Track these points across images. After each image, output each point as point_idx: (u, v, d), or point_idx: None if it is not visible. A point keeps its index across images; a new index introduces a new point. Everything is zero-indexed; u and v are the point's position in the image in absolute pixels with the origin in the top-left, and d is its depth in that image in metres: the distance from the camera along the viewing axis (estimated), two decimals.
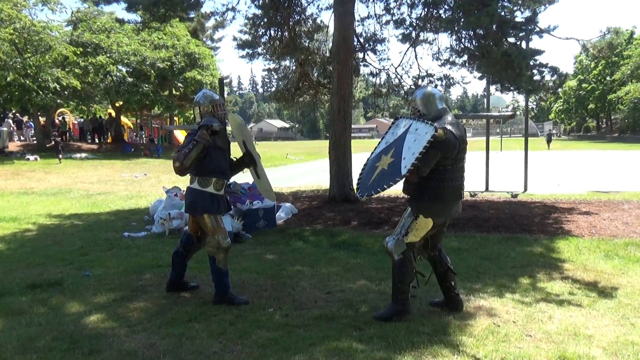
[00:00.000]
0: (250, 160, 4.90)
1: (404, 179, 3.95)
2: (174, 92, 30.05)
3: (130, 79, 26.29)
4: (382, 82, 12.87)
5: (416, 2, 10.15)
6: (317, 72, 12.61)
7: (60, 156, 21.20)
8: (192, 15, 35.65)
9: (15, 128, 30.09)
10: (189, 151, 4.32)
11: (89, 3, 25.79)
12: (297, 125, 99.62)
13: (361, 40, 11.62)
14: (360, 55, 11.71)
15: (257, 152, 4.99)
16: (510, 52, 8.31)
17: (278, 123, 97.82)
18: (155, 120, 38.79)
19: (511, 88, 9.62)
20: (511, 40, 9.22)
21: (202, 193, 4.52)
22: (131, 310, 4.35)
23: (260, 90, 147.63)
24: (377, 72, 12.25)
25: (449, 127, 3.92)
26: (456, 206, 4.17)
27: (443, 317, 4.09)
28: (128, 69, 26.94)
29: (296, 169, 21.95)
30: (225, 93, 30.76)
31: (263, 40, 11.47)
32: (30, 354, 3.46)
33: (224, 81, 10.03)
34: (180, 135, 38.76)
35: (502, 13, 8.46)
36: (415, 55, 11.74)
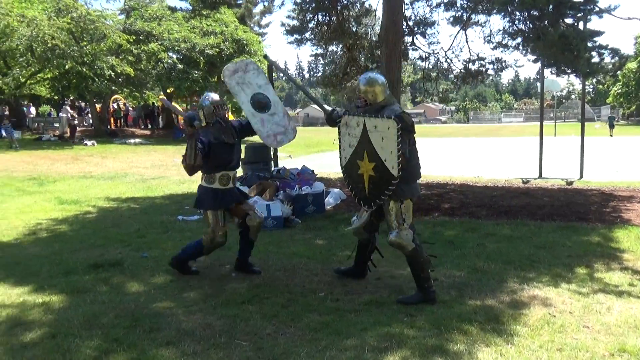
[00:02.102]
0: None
1: None
2: (222, 78, 30.49)
3: (180, 66, 26.81)
4: (431, 66, 12.63)
5: None
6: (365, 56, 12.48)
7: (73, 141, 21.60)
8: (240, 2, 35.95)
9: (75, 115, 31.28)
10: (187, 151, 4.47)
11: None
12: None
13: (410, 23, 11.42)
14: (409, 39, 11.51)
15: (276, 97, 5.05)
16: (568, 34, 7.98)
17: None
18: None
19: (568, 71, 9.26)
20: (569, 21, 8.84)
21: (207, 190, 4.75)
22: (187, 291, 4.50)
23: (307, 75, 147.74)
24: (427, 56, 12.02)
25: (399, 107, 4.16)
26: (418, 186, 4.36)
27: (496, 306, 4.04)
28: (178, 56, 27.47)
29: None
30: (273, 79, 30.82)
31: (311, 25, 11.44)
32: (95, 329, 3.65)
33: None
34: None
35: None
36: (466, 39, 11.45)
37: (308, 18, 10.99)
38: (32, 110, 34.46)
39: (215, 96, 4.87)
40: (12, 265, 5.31)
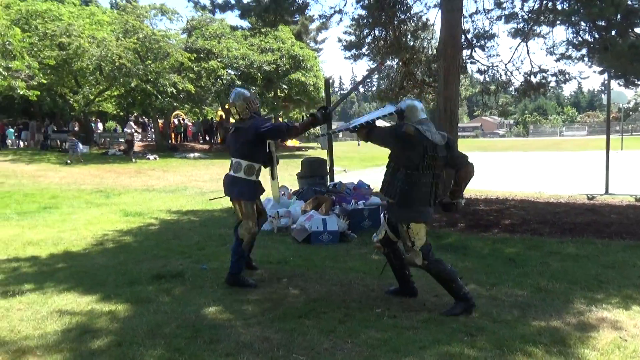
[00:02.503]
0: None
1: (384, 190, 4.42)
2: (278, 93, 31.05)
3: (238, 82, 27.51)
4: (490, 79, 12.40)
5: None
6: (421, 70, 12.42)
7: (134, 159, 21.89)
8: (296, 19, 36.59)
9: (139, 130, 32.63)
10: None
11: (200, 9, 27.36)
12: None
13: (469, 36, 11.27)
14: (468, 52, 11.36)
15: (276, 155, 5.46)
16: (638, 44, 7.65)
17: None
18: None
19: (638, 82, 8.86)
20: (639, 30, 8.49)
21: (248, 182, 5.06)
22: (245, 303, 4.56)
23: (362, 89, 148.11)
24: (485, 69, 11.81)
25: (418, 126, 4.22)
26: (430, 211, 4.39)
27: (562, 327, 3.87)
28: (236, 73, 28.24)
29: None
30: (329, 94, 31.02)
31: (367, 40, 11.50)
32: (158, 339, 3.76)
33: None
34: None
35: (629, 2, 7.81)
36: (527, 51, 11.24)
37: (365, 33, 11.05)
38: (100, 126, 36.24)
39: (246, 92, 5.13)
40: (81, 274, 5.56)
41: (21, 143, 28.81)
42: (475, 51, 11.43)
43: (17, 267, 5.90)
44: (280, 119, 38.61)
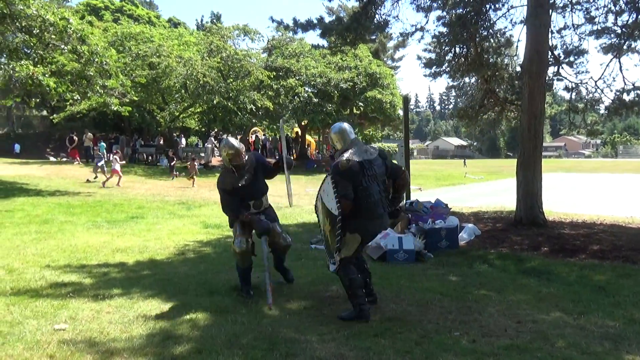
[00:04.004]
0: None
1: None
2: (354, 110, 31.23)
3: (315, 100, 27.97)
4: (577, 97, 11.82)
5: (624, 7, 9.14)
6: (503, 88, 12.06)
7: (175, 173, 21.23)
8: (374, 37, 36.70)
9: (218, 145, 33.81)
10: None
11: (282, 30, 28.18)
12: (475, 143, 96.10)
13: (556, 53, 10.83)
14: (554, 69, 10.92)
15: (289, 157, 5.69)
16: None
17: (455, 141, 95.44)
18: None
19: None
20: None
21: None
22: (320, 319, 4.57)
23: (438, 107, 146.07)
24: (573, 86, 11.29)
25: (347, 155, 4.56)
26: (378, 223, 4.69)
27: None
28: (313, 90, 28.73)
29: (476, 188, 21.14)
30: (401, 111, 30.76)
31: (447, 58, 11.34)
32: (235, 349, 3.83)
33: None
34: None
35: None
36: (620, 67, 10.57)
37: (445, 51, 10.90)
38: (183, 141, 37.95)
39: (228, 142, 5.39)
40: (165, 281, 5.80)
41: (111, 156, 30.68)
42: (562, 68, 10.97)
43: (106, 272, 6.26)
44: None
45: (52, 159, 29.16)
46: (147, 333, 4.15)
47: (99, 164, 18.51)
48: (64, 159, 27.71)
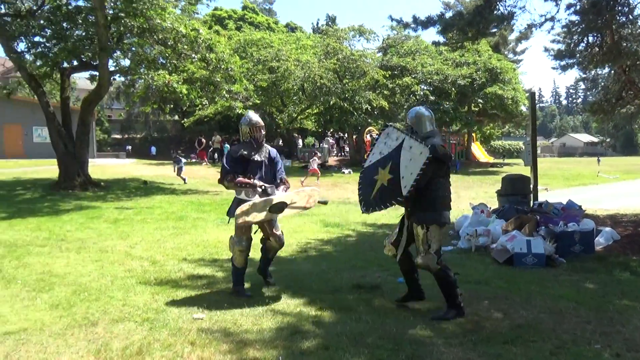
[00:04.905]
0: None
1: None
2: (472, 107, 30.14)
3: (432, 97, 27.40)
4: None
5: None
6: None
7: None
8: (494, 30, 35.26)
9: (335, 145, 34.46)
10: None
11: (397, 29, 27.97)
12: (607, 140, 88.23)
13: None
14: None
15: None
16: None
17: (584, 137, 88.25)
18: (453, 136, 39.50)
19: None
20: None
21: (234, 199, 5.40)
22: (445, 322, 4.46)
23: (564, 102, 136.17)
24: None
25: (434, 142, 4.41)
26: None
27: None
28: (430, 88, 28.17)
29: (610, 188, 19.42)
30: (524, 107, 29.06)
31: (579, 48, 10.53)
32: (361, 347, 3.87)
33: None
34: (478, 150, 38.55)
35: None
36: None
37: (576, 40, 10.13)
38: (300, 141, 39.12)
39: (253, 117, 5.38)
40: (289, 278, 6.01)
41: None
42: None
43: None
44: (474, 135, 37.37)
45: (183, 160, 31.43)
46: (276, 327, 4.33)
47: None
48: (194, 160, 29.82)
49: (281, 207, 5.26)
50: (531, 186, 9.15)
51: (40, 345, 3.90)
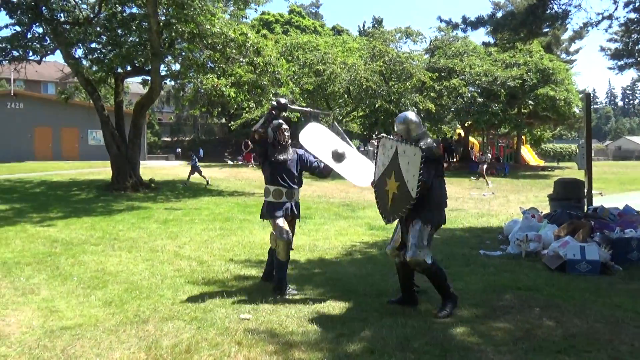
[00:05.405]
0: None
1: None
2: (522, 110, 29.36)
3: (480, 99, 26.87)
4: None
5: None
6: None
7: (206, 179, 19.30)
8: (545, 30, 34.30)
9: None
10: None
11: (445, 29, 27.58)
12: None
13: None
14: None
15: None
16: None
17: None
18: (502, 139, 38.61)
19: None
20: None
21: (265, 203, 5.54)
22: (494, 329, 4.36)
23: (620, 103, 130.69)
24: None
25: (432, 145, 4.60)
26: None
27: None
28: (478, 90, 27.62)
29: None
30: (578, 109, 28.07)
31: (638, 47, 10.09)
32: (407, 352, 3.82)
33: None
34: (527, 154, 37.52)
35: None
36: None
37: (635, 39, 9.72)
38: None
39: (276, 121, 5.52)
40: (334, 280, 6.01)
41: None
42: None
43: None
44: (523, 138, 36.39)
45: (229, 162, 32.06)
46: (321, 329, 4.33)
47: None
48: (240, 162, 30.30)
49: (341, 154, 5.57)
50: (585, 190, 8.82)
51: (95, 340, 4.04)
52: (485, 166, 21.45)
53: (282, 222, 5.41)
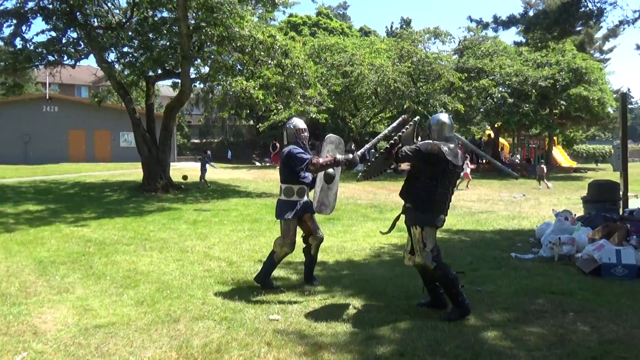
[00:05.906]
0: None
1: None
2: (554, 110, 28.79)
3: (510, 100, 26.45)
4: None
5: None
6: None
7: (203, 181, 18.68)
8: (578, 28, 33.55)
9: None
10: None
11: (475, 29, 27.25)
12: None
13: None
14: None
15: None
16: None
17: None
18: (533, 140, 37.92)
19: None
20: None
21: (285, 202, 5.56)
22: (527, 333, 4.28)
23: None
24: None
25: (444, 147, 4.57)
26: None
27: None
28: (508, 90, 27.19)
29: None
30: (612, 109, 27.38)
31: None
32: (438, 356, 3.78)
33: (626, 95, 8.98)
34: (559, 155, 36.77)
35: None
36: None
37: None
38: None
39: (299, 123, 5.66)
40: (363, 282, 5.98)
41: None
42: None
43: None
44: (555, 139, 35.68)
45: (257, 163, 32.29)
46: (350, 331, 4.32)
47: None
48: (267, 164, 30.47)
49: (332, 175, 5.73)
50: (621, 192, 8.59)
51: (127, 339, 4.11)
52: (544, 167, 21.47)
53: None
